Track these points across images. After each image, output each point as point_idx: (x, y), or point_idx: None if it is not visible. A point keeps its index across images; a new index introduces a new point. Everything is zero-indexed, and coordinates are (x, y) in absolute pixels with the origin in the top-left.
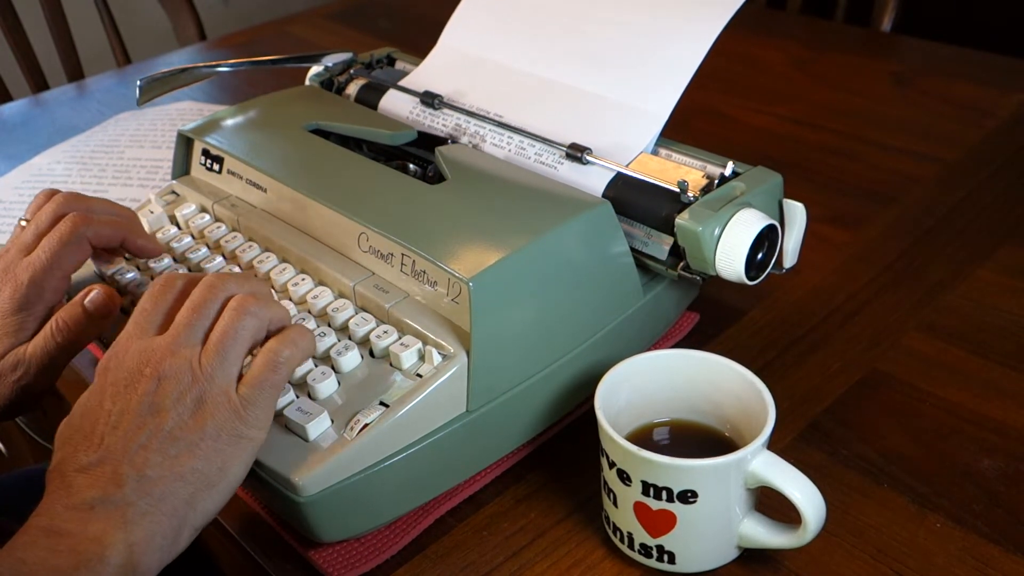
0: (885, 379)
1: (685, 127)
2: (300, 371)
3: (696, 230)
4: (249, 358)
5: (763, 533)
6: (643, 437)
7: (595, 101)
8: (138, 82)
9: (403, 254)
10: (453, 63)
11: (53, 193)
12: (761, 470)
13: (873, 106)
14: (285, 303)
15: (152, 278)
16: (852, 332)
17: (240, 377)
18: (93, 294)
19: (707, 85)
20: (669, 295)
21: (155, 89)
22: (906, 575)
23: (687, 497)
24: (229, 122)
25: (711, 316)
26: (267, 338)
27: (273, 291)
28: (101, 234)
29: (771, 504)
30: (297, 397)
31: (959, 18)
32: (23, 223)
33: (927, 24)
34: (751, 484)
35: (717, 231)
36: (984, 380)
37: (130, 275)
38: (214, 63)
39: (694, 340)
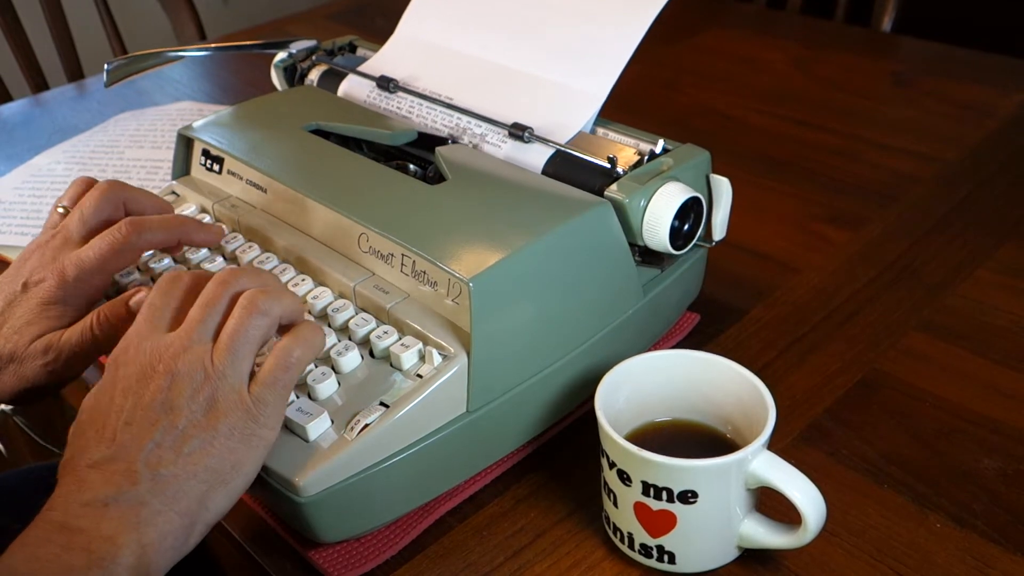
0: (885, 379)
1: (685, 127)
2: None
3: (623, 201)
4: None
5: (763, 533)
6: (643, 437)
7: (538, 83)
8: (105, 65)
9: (403, 254)
10: (409, 50)
11: (90, 181)
12: (761, 470)
13: (873, 106)
14: None
15: (153, 279)
16: (852, 332)
17: (252, 374)
18: (139, 295)
19: (707, 85)
20: (669, 295)
21: (122, 71)
22: (906, 575)
23: (687, 497)
24: (229, 122)
25: (711, 316)
26: (282, 328)
27: None
28: (153, 241)
29: (771, 504)
30: (297, 397)
31: (959, 18)
32: (60, 209)
33: (927, 24)
34: (751, 484)
35: (643, 202)
36: (984, 380)
37: (132, 276)
38: (179, 48)
39: (694, 340)
